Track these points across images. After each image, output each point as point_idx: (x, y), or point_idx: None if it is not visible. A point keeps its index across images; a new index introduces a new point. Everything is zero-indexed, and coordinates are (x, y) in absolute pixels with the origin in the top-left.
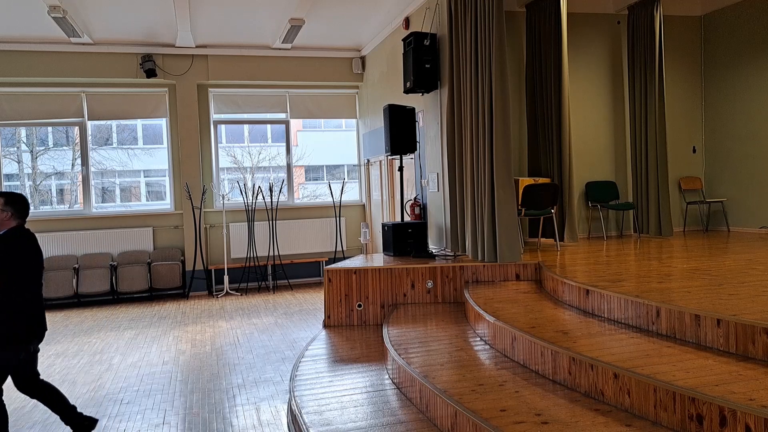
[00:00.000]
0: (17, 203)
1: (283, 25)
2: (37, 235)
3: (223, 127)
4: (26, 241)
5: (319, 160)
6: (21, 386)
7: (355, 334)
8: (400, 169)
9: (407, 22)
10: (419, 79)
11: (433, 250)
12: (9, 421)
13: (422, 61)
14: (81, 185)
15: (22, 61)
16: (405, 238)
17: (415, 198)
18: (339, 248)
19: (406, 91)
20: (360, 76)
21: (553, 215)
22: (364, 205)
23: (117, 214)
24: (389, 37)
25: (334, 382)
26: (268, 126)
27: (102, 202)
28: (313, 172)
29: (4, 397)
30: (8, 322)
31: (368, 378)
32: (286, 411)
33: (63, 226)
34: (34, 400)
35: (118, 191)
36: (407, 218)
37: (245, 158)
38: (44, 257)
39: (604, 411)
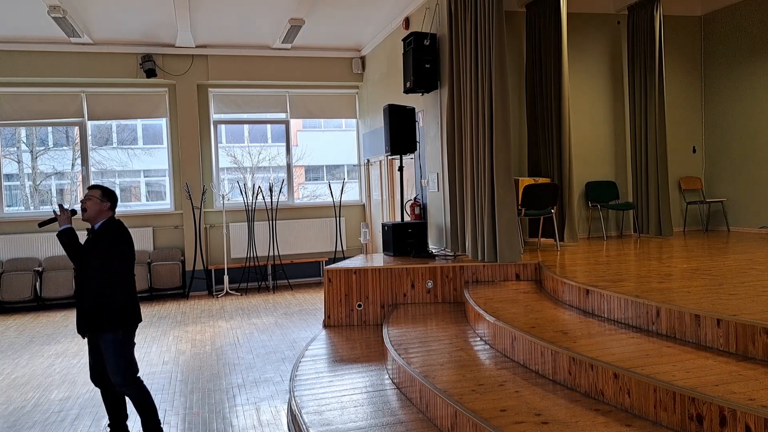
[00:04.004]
0: (112, 195)
1: (283, 25)
2: (36, 235)
3: (223, 127)
4: (124, 232)
5: (319, 160)
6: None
7: (355, 334)
8: (400, 169)
9: (407, 22)
10: (419, 79)
11: (433, 250)
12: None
13: (422, 61)
14: (81, 185)
15: (22, 61)
16: (405, 238)
17: (415, 198)
18: (339, 248)
19: (406, 91)
20: (360, 76)
21: (553, 215)
22: (364, 205)
23: (117, 214)
24: (389, 37)
25: (334, 382)
26: (268, 126)
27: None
28: (313, 172)
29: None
30: (117, 306)
31: (368, 378)
32: (286, 411)
33: None
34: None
35: (118, 191)
36: (407, 218)
37: (245, 158)
38: (44, 257)
39: (604, 411)
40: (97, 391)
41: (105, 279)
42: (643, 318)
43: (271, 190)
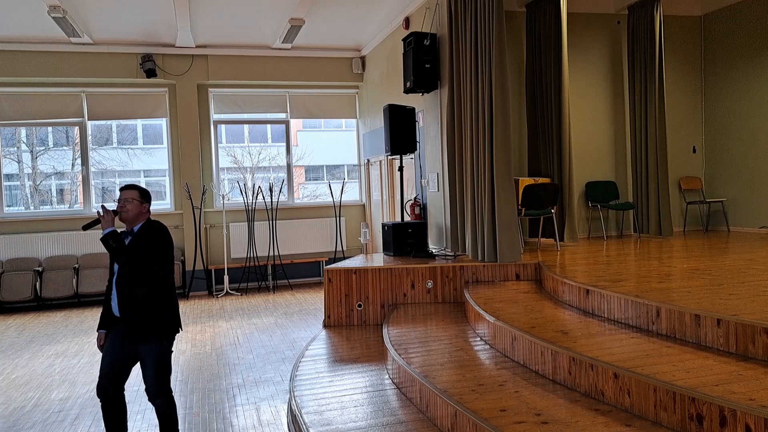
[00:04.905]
0: (149, 195)
1: (283, 25)
2: (36, 235)
3: (223, 127)
4: (165, 234)
5: (319, 160)
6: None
7: (355, 334)
8: (400, 169)
9: (407, 22)
10: (419, 79)
11: (433, 250)
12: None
13: (422, 61)
14: (81, 185)
15: (22, 61)
16: (405, 238)
17: (415, 198)
18: (339, 248)
19: (406, 91)
20: (360, 76)
21: (553, 215)
22: (364, 205)
23: None
24: (389, 37)
25: (334, 382)
26: (268, 126)
27: (102, 202)
28: (313, 172)
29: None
30: (164, 314)
31: (368, 378)
32: (286, 411)
33: (63, 226)
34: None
35: (118, 191)
36: (407, 218)
37: (245, 158)
38: (44, 257)
39: (604, 411)
40: None
41: (149, 284)
42: (643, 318)
43: (271, 190)
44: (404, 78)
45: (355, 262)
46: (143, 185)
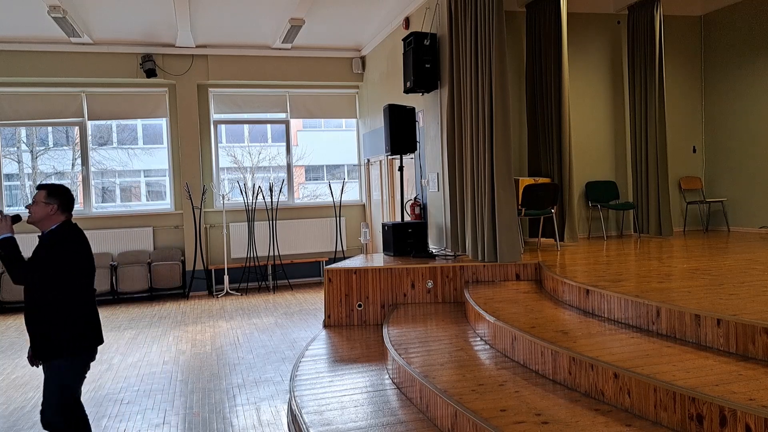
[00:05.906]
0: (61, 194)
1: (283, 25)
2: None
3: (223, 127)
4: (79, 238)
5: (319, 160)
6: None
7: (355, 334)
8: (400, 169)
9: (407, 22)
10: (419, 79)
11: (433, 250)
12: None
13: (422, 61)
14: (81, 185)
15: (22, 61)
16: (405, 238)
17: (415, 198)
18: (339, 248)
19: (406, 91)
20: (360, 76)
21: (553, 215)
22: (364, 205)
23: (117, 214)
24: (389, 37)
25: (334, 382)
26: (268, 126)
27: (102, 202)
28: (313, 172)
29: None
30: (71, 328)
31: (368, 378)
32: (286, 411)
33: None
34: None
35: (118, 191)
36: (407, 218)
37: (245, 158)
38: None
39: (604, 411)
40: (97, 391)
41: (50, 297)
42: (643, 318)
43: (271, 190)
44: (404, 78)
45: (355, 262)
46: (143, 185)
